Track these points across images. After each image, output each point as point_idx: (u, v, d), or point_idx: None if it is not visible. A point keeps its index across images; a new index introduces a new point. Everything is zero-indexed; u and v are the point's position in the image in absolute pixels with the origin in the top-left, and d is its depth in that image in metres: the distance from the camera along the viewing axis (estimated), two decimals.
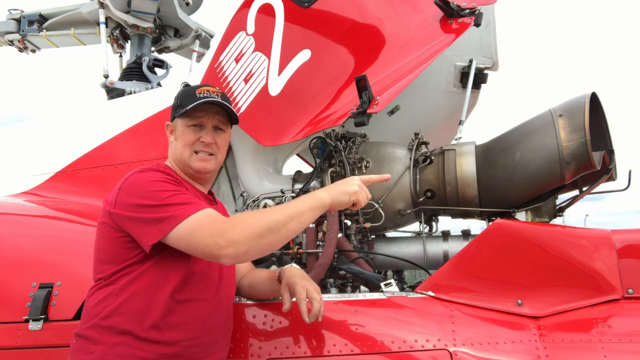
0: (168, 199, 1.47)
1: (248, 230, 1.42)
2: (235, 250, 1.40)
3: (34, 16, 4.56)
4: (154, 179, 1.53)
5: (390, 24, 2.41)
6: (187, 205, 1.46)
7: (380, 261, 2.49)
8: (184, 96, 1.72)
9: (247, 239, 1.41)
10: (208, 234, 1.41)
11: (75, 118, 3.37)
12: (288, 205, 1.51)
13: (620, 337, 1.69)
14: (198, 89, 1.72)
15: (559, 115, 2.16)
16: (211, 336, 1.59)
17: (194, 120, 1.70)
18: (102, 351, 1.44)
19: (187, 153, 1.70)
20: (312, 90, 2.42)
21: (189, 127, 1.71)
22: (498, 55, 2.93)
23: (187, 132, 1.71)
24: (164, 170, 1.60)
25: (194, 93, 1.70)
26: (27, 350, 1.92)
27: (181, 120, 1.71)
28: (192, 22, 4.56)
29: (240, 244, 1.40)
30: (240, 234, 1.41)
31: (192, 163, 1.70)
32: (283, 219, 1.45)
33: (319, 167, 2.45)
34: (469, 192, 2.31)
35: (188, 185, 1.70)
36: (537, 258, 1.88)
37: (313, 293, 1.63)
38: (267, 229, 1.43)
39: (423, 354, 1.72)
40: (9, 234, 2.34)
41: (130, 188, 1.53)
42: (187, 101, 1.68)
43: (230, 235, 1.40)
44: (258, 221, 1.44)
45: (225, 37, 2.74)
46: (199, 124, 1.71)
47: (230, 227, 1.43)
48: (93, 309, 1.51)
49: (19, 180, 3.04)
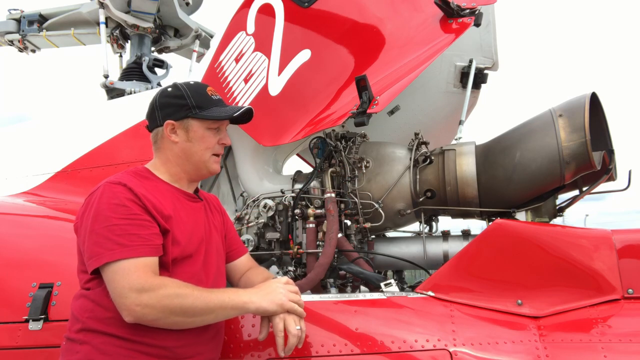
0: (113, 232, 1.44)
1: (165, 301, 1.40)
2: (142, 315, 1.39)
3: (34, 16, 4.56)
4: (111, 202, 1.49)
5: (390, 24, 2.41)
6: (122, 247, 1.43)
7: (380, 261, 2.49)
8: (196, 96, 1.69)
9: (158, 310, 1.40)
10: (127, 283, 1.39)
11: (75, 118, 3.37)
12: (214, 296, 1.48)
13: (620, 337, 1.69)
14: (206, 88, 1.72)
15: (559, 115, 2.16)
16: (200, 336, 1.58)
17: (216, 124, 1.71)
18: (87, 351, 1.45)
19: (207, 156, 1.71)
20: (312, 90, 2.42)
21: (209, 129, 1.70)
22: (498, 55, 2.93)
23: (208, 135, 1.70)
24: (126, 184, 1.53)
25: (206, 94, 1.70)
26: (27, 350, 1.92)
27: (199, 122, 1.69)
28: (192, 22, 4.56)
29: (149, 312, 1.39)
30: (156, 301, 1.39)
31: (210, 165, 1.72)
32: (203, 309, 1.45)
33: (319, 167, 2.46)
34: (469, 192, 2.31)
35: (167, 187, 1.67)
36: (537, 258, 1.88)
37: (290, 325, 1.55)
38: (182, 311, 1.42)
39: (423, 354, 1.72)
40: (9, 234, 2.34)
41: (90, 208, 1.51)
42: (204, 103, 1.68)
43: (147, 297, 1.38)
44: (179, 299, 1.41)
45: (225, 37, 2.74)
46: (218, 126, 1.73)
47: (151, 288, 1.40)
48: (76, 313, 1.52)
49: (19, 180, 3.04)
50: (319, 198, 2.39)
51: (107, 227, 1.45)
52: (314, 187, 2.43)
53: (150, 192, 1.58)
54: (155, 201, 1.55)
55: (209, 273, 1.68)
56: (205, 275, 1.66)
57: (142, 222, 1.49)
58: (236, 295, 1.53)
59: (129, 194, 1.51)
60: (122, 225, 1.45)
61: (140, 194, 1.53)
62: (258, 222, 2.48)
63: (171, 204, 1.63)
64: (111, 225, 1.45)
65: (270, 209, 2.46)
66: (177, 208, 1.65)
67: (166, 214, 1.56)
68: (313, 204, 2.40)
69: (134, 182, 1.56)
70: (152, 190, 1.60)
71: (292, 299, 1.59)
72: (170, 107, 1.70)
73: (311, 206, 2.38)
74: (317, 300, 1.90)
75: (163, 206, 1.57)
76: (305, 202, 2.43)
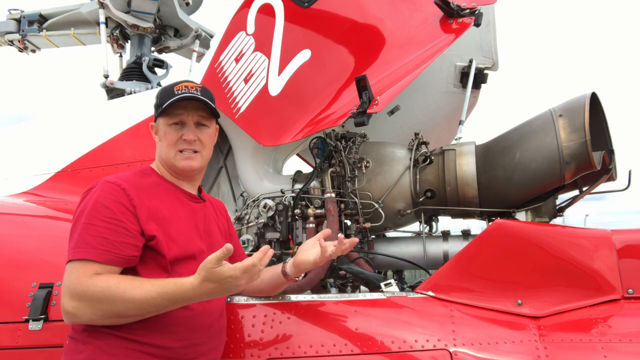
0: (85, 231, 1.46)
1: (96, 306, 1.39)
2: (74, 316, 1.41)
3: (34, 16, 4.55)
4: (97, 201, 1.50)
5: (390, 24, 2.41)
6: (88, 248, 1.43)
7: (380, 261, 2.49)
8: (162, 94, 1.69)
9: (90, 313, 1.40)
10: (66, 284, 1.42)
11: (75, 118, 3.37)
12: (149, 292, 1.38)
13: (620, 337, 1.69)
14: (176, 85, 1.69)
15: (559, 115, 2.16)
16: (201, 337, 1.58)
17: (174, 118, 1.67)
18: (91, 350, 1.46)
19: (171, 153, 1.67)
20: (312, 90, 2.42)
21: (170, 125, 1.68)
22: (498, 55, 2.93)
23: (168, 131, 1.68)
24: (120, 184, 1.54)
25: (172, 90, 1.67)
26: (27, 350, 1.92)
27: (162, 119, 1.68)
28: (192, 22, 4.56)
29: (81, 314, 1.40)
30: (84, 309, 1.39)
31: (177, 162, 1.67)
32: (139, 310, 1.41)
33: (319, 167, 2.45)
34: (469, 192, 2.31)
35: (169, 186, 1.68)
36: (537, 258, 1.88)
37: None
38: (117, 315, 1.41)
39: (423, 354, 1.72)
40: (9, 234, 2.33)
41: (81, 204, 1.54)
42: (166, 99, 1.65)
43: (77, 300, 1.39)
44: (112, 307, 1.39)
45: (225, 37, 2.74)
46: (180, 122, 1.67)
47: (83, 292, 1.39)
48: None
49: (19, 180, 3.04)
50: (319, 198, 2.39)
51: (84, 225, 1.47)
52: (314, 187, 2.43)
53: (149, 193, 1.58)
54: (150, 203, 1.55)
55: None
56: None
57: (118, 229, 1.48)
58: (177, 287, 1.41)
59: (119, 196, 1.51)
60: (98, 227, 1.46)
61: (135, 196, 1.53)
62: (258, 222, 2.48)
63: (170, 204, 1.63)
64: (88, 224, 1.47)
65: (270, 209, 2.46)
66: (177, 208, 1.64)
67: (160, 216, 1.56)
68: (313, 204, 2.40)
69: (132, 183, 1.57)
70: (151, 189, 1.60)
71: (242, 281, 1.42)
72: (154, 109, 1.76)
73: (311, 206, 2.38)
74: (317, 300, 1.90)
75: (159, 207, 1.57)
76: (305, 202, 2.43)
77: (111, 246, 1.45)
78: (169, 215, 1.59)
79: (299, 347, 1.78)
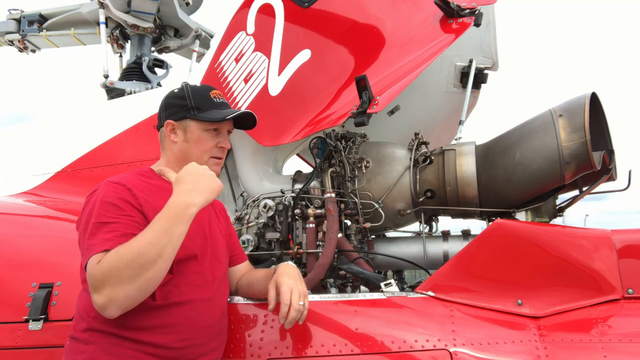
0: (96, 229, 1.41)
1: (120, 278, 1.28)
2: (118, 306, 1.32)
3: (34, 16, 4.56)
4: (104, 199, 1.46)
5: (390, 24, 2.41)
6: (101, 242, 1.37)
7: (380, 261, 2.49)
8: (197, 97, 1.69)
9: (120, 290, 1.28)
10: (90, 284, 1.33)
11: (75, 118, 3.37)
12: (155, 229, 1.34)
13: (620, 337, 1.69)
14: (211, 91, 1.71)
15: (559, 115, 2.16)
16: (203, 337, 1.58)
17: (214, 125, 1.69)
18: (92, 350, 1.45)
19: (204, 158, 1.69)
20: (312, 90, 2.42)
21: (207, 131, 1.69)
22: (498, 55, 2.93)
23: (205, 137, 1.69)
24: (125, 184, 1.52)
25: (208, 95, 1.70)
26: (27, 350, 1.92)
27: (197, 123, 1.68)
28: (192, 22, 4.56)
29: (116, 299, 1.29)
30: (112, 286, 1.28)
31: (209, 168, 1.65)
32: (154, 249, 1.31)
33: (319, 167, 2.46)
34: (469, 192, 2.31)
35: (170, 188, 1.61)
36: (537, 258, 1.88)
37: (294, 296, 1.57)
38: (139, 266, 1.29)
39: (423, 354, 1.72)
40: (9, 234, 2.34)
41: (87, 206, 1.50)
42: (204, 104, 1.67)
43: (103, 291, 1.29)
44: (129, 261, 1.29)
45: (225, 37, 2.74)
46: (217, 129, 1.71)
47: (100, 279, 1.30)
48: (81, 312, 1.52)
49: (19, 180, 3.04)
50: (319, 198, 2.39)
51: (95, 225, 1.43)
52: (314, 187, 2.43)
53: (152, 193, 1.57)
54: (155, 203, 1.54)
55: (216, 275, 1.68)
56: (212, 276, 1.65)
57: (130, 222, 1.45)
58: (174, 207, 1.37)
59: (126, 194, 1.50)
60: (110, 224, 1.43)
61: (140, 195, 1.52)
62: (258, 222, 2.48)
63: None
64: (99, 223, 1.43)
65: (270, 209, 2.46)
66: None
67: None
68: (313, 204, 2.40)
69: (134, 183, 1.56)
70: (154, 191, 1.60)
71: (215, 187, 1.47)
72: (172, 108, 1.72)
73: (311, 206, 2.38)
74: (317, 300, 1.90)
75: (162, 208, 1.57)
76: (305, 202, 2.43)
77: (125, 237, 1.39)
78: None
79: (299, 347, 1.78)
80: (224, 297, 1.74)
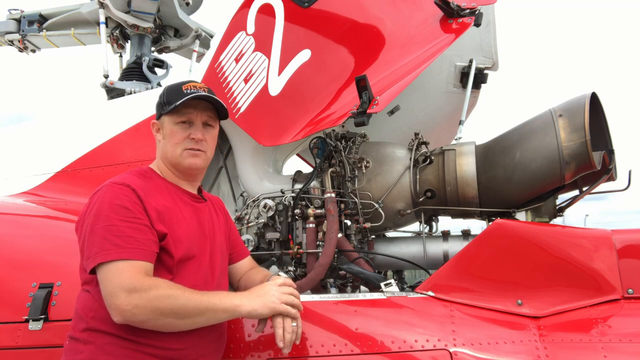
0: (111, 231, 1.43)
1: (155, 302, 1.37)
2: (132, 315, 1.37)
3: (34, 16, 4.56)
4: (112, 202, 1.48)
5: (390, 24, 2.41)
6: (119, 249, 1.41)
7: (380, 261, 2.49)
8: (170, 93, 1.68)
9: (148, 311, 1.37)
10: (118, 283, 1.37)
11: (75, 118, 3.37)
12: (205, 298, 1.46)
13: (620, 337, 1.69)
14: (184, 84, 1.68)
15: (559, 115, 2.16)
16: (203, 339, 1.58)
17: (182, 117, 1.67)
18: (91, 350, 1.45)
19: (178, 151, 1.67)
20: (312, 90, 2.42)
21: (177, 124, 1.67)
22: (498, 55, 2.93)
23: (176, 129, 1.67)
24: (129, 185, 1.53)
25: (180, 89, 1.67)
26: (27, 350, 1.92)
27: (169, 117, 1.67)
28: (192, 22, 4.56)
29: (139, 312, 1.37)
30: (147, 302, 1.37)
31: (183, 160, 1.67)
32: (194, 311, 1.43)
33: (319, 167, 2.46)
34: (469, 192, 2.31)
35: (169, 187, 1.68)
36: (537, 258, 1.88)
37: (286, 323, 1.57)
38: (172, 312, 1.40)
39: (423, 354, 1.72)
40: (9, 234, 2.34)
41: (92, 208, 1.51)
42: (174, 97, 1.65)
43: (137, 297, 1.36)
44: (170, 300, 1.39)
45: (225, 37, 2.74)
46: (188, 121, 1.67)
47: (142, 288, 1.37)
48: (80, 312, 1.52)
49: (19, 180, 3.04)
50: (319, 198, 2.39)
51: (105, 227, 1.44)
52: (314, 187, 2.43)
53: (153, 194, 1.58)
54: (156, 204, 1.55)
55: (214, 273, 1.68)
56: (211, 275, 1.66)
57: (141, 227, 1.48)
58: (227, 298, 1.52)
59: (132, 195, 1.51)
60: (121, 227, 1.45)
61: (143, 196, 1.53)
62: (258, 222, 2.48)
63: (173, 204, 1.63)
64: (110, 226, 1.44)
65: (270, 209, 2.46)
66: (180, 208, 1.64)
67: (167, 216, 1.56)
68: (313, 204, 2.40)
69: (137, 184, 1.56)
70: (155, 191, 1.60)
71: (285, 300, 1.57)
72: (157, 108, 1.75)
73: (311, 206, 2.38)
74: (317, 300, 1.90)
75: (165, 208, 1.57)
76: (305, 202, 2.43)
77: (140, 244, 1.45)
78: (174, 216, 1.59)
79: (299, 347, 1.77)
80: None
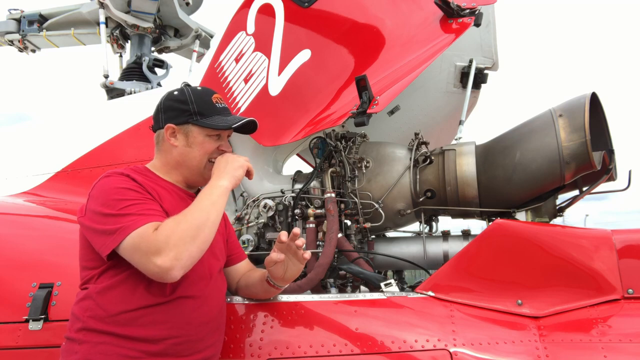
0: (125, 209, 1.44)
1: (183, 239, 1.39)
2: (182, 266, 1.39)
3: (34, 16, 4.55)
4: (116, 186, 1.50)
5: (390, 24, 2.41)
6: (138, 217, 1.43)
7: (380, 261, 2.49)
8: (200, 102, 1.70)
9: (184, 249, 1.39)
10: (145, 251, 1.38)
11: (75, 118, 3.37)
12: (200, 202, 1.51)
13: (620, 337, 1.69)
14: (212, 95, 1.73)
15: (559, 115, 2.16)
16: (198, 334, 1.58)
17: (216, 131, 1.71)
18: (86, 350, 1.45)
19: (204, 161, 1.70)
20: (312, 90, 2.42)
21: (209, 136, 1.70)
22: (498, 55, 2.94)
23: (207, 141, 1.70)
24: (128, 175, 1.56)
25: (210, 100, 1.71)
26: (27, 350, 1.92)
27: (199, 128, 1.69)
28: (192, 22, 4.55)
29: (181, 258, 1.38)
30: (176, 247, 1.38)
31: (206, 172, 1.69)
32: (204, 214, 1.47)
33: (319, 167, 2.46)
34: (469, 192, 2.31)
35: (168, 185, 1.69)
36: (537, 258, 1.88)
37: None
38: (196, 228, 1.43)
39: (423, 354, 1.72)
40: (9, 234, 2.33)
41: (97, 195, 1.52)
42: (207, 110, 1.68)
43: (168, 253, 1.37)
44: (187, 225, 1.42)
45: (225, 37, 2.74)
46: (219, 134, 1.73)
47: (164, 242, 1.38)
48: (77, 313, 1.52)
49: (19, 180, 3.04)
50: (319, 198, 2.39)
51: (122, 207, 1.45)
52: (314, 187, 2.43)
53: (152, 187, 1.60)
54: (155, 195, 1.57)
55: (212, 272, 1.68)
56: (209, 273, 1.66)
57: (148, 201, 1.52)
58: (209, 188, 1.57)
59: (132, 183, 1.54)
60: (136, 201, 1.48)
61: (143, 183, 1.56)
62: (258, 222, 2.48)
63: (172, 199, 1.63)
64: (125, 205, 1.45)
65: (270, 209, 2.46)
66: (180, 204, 1.64)
67: (166, 207, 1.57)
68: (313, 204, 2.40)
69: (135, 175, 1.58)
70: (153, 185, 1.61)
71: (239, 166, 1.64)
72: (173, 111, 1.71)
73: (311, 206, 2.38)
74: (317, 300, 1.90)
75: (162, 201, 1.58)
76: (305, 202, 2.43)
77: (155, 211, 1.49)
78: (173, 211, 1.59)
79: (298, 347, 1.78)
80: (220, 292, 1.73)
